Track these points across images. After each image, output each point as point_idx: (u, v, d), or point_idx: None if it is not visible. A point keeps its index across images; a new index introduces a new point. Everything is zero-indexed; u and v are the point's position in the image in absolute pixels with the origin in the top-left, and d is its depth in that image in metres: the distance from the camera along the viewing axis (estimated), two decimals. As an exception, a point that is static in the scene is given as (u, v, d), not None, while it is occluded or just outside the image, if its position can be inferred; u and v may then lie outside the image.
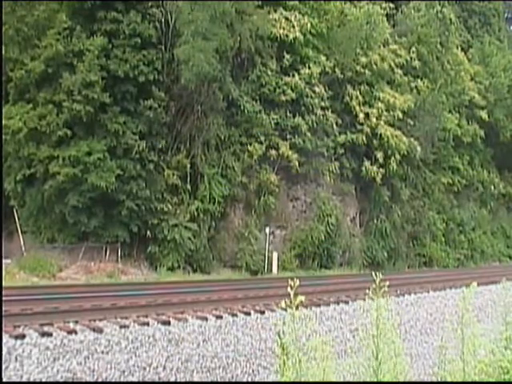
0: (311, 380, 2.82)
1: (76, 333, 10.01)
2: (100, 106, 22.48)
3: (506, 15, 59.95)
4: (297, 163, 27.90)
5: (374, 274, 3.03)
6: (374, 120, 31.47)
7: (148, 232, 23.78)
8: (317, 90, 29.16)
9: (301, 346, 2.82)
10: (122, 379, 9.46)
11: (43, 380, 8.72)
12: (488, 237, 43.52)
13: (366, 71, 31.95)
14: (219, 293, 16.33)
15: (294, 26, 28.69)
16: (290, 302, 2.81)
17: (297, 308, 2.81)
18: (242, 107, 26.77)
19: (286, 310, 2.88)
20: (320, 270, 28.43)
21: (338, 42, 31.08)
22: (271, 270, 26.50)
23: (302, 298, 2.80)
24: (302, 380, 2.79)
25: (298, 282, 2.79)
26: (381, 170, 31.25)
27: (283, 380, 2.79)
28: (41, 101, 22.67)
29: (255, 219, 27.13)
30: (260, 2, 27.61)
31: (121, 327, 10.65)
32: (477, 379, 3.28)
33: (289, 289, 2.81)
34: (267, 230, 27.15)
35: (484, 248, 42.28)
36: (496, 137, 43.47)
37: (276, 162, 27.74)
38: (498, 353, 3.39)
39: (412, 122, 34.24)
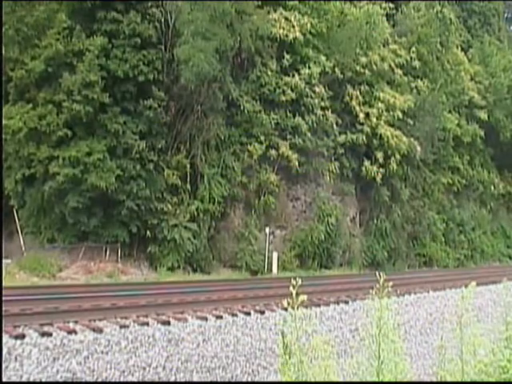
0: (312, 379, 2.82)
1: (76, 333, 10.00)
2: (100, 106, 22.48)
3: (505, 15, 60.00)
4: (297, 163, 27.90)
5: (377, 273, 3.04)
6: (374, 120, 31.47)
7: (148, 232, 23.77)
8: (317, 89, 29.15)
9: (301, 345, 2.82)
10: (121, 379, 9.46)
11: (43, 380, 8.72)
12: (488, 237, 43.51)
13: (366, 71, 31.94)
14: (219, 293, 16.33)
15: (293, 26, 28.68)
16: (292, 301, 2.81)
17: (297, 308, 2.81)
18: (242, 107, 26.76)
19: (286, 309, 2.88)
20: (320, 270, 28.43)
21: (338, 41, 31.06)
22: (271, 270, 26.50)
23: (304, 297, 2.80)
24: (304, 379, 2.80)
25: (299, 281, 2.79)
26: (381, 169, 31.26)
27: (285, 379, 2.79)
28: (41, 101, 22.67)
29: (255, 219, 27.13)
30: (260, 2, 27.61)
31: (121, 327, 10.65)
32: (476, 379, 3.28)
33: (291, 288, 2.81)
34: (267, 230, 27.15)
35: (484, 248, 42.28)
36: (496, 137, 43.45)
37: (276, 161, 27.73)
38: (498, 352, 3.39)
39: (412, 122, 34.23)
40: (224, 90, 25.85)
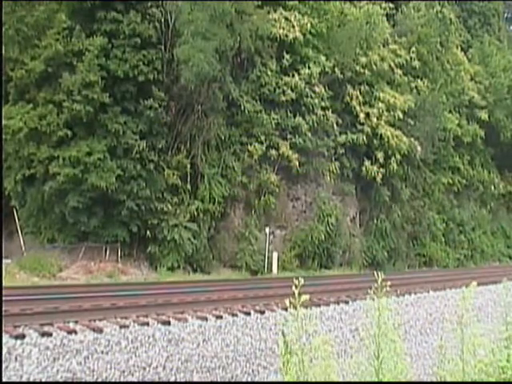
0: (313, 379, 2.82)
1: (76, 333, 10.00)
2: (100, 106, 22.48)
3: (505, 15, 59.97)
4: (297, 163, 27.91)
5: (375, 273, 3.04)
6: (375, 120, 31.47)
7: (148, 232, 23.77)
8: (317, 89, 29.16)
9: (302, 345, 2.82)
10: (121, 379, 9.46)
11: (43, 380, 8.73)
12: (488, 237, 43.50)
13: (366, 71, 31.93)
14: (219, 293, 16.33)
15: (293, 26, 28.69)
16: (295, 301, 2.82)
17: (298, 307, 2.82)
18: (242, 107, 26.76)
19: (286, 309, 2.88)
20: (320, 270, 28.42)
21: (337, 41, 31.05)
22: (271, 270, 26.50)
23: (306, 296, 2.81)
24: (304, 379, 2.80)
25: (302, 281, 2.79)
26: (381, 169, 31.26)
27: (286, 379, 2.79)
28: (41, 101, 22.68)
29: (255, 219, 27.12)
30: (260, 2, 27.61)
31: (121, 327, 10.65)
32: (476, 379, 3.28)
33: (293, 288, 2.81)
34: (267, 230, 27.14)
35: (484, 248, 42.26)
36: (496, 137, 43.43)
37: (276, 161, 27.74)
38: (498, 352, 3.39)
39: (412, 122, 34.23)
40: (224, 90, 25.85)
